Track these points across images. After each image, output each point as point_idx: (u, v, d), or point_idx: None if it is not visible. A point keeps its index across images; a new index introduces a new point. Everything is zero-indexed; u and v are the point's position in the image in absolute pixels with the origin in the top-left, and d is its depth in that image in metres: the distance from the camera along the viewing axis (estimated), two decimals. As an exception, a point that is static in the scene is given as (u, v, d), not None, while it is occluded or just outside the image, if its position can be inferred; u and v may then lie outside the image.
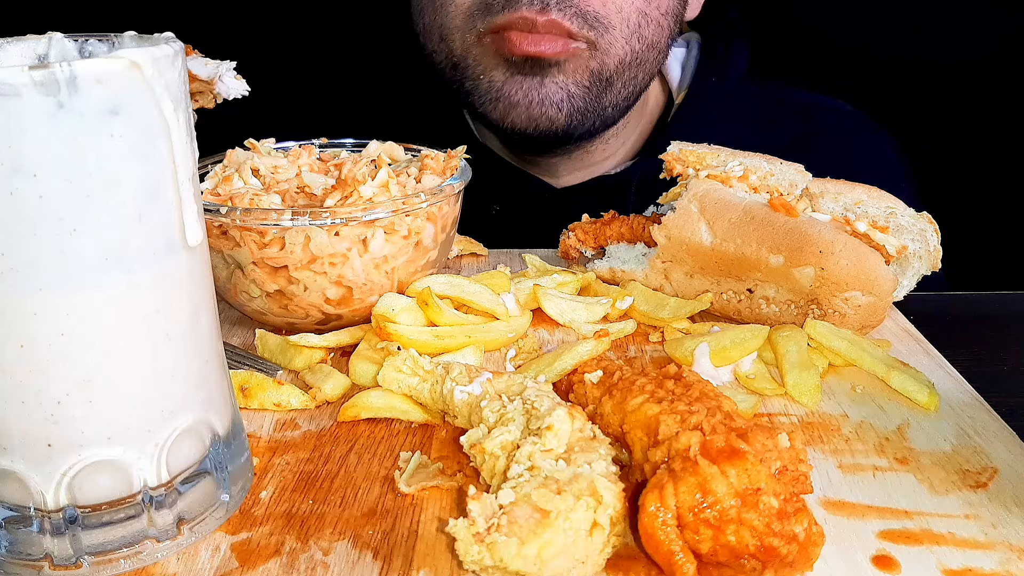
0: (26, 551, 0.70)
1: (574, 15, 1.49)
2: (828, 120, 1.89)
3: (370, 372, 0.97)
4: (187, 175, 0.69)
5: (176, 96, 0.66)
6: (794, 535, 0.65)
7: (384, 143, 1.28)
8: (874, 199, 1.15)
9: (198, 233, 0.71)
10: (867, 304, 1.07)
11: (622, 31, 1.54)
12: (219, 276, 1.08)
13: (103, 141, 0.62)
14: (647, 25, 1.57)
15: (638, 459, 0.76)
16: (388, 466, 0.85)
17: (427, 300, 1.05)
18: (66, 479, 0.67)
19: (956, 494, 0.80)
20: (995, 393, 0.98)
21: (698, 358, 1.01)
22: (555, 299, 1.15)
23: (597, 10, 1.51)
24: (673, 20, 1.65)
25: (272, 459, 0.87)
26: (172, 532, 0.73)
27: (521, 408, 0.79)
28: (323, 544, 0.74)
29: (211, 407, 0.76)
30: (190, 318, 0.72)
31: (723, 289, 1.16)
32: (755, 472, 0.66)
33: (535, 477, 0.70)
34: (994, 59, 2.36)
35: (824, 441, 0.89)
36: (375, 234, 1.06)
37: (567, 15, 1.49)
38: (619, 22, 1.53)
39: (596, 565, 0.68)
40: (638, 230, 1.25)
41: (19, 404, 0.65)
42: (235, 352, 1.06)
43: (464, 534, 0.66)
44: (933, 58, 2.37)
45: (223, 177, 1.14)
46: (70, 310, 0.64)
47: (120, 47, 0.73)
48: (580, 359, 0.96)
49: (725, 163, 1.20)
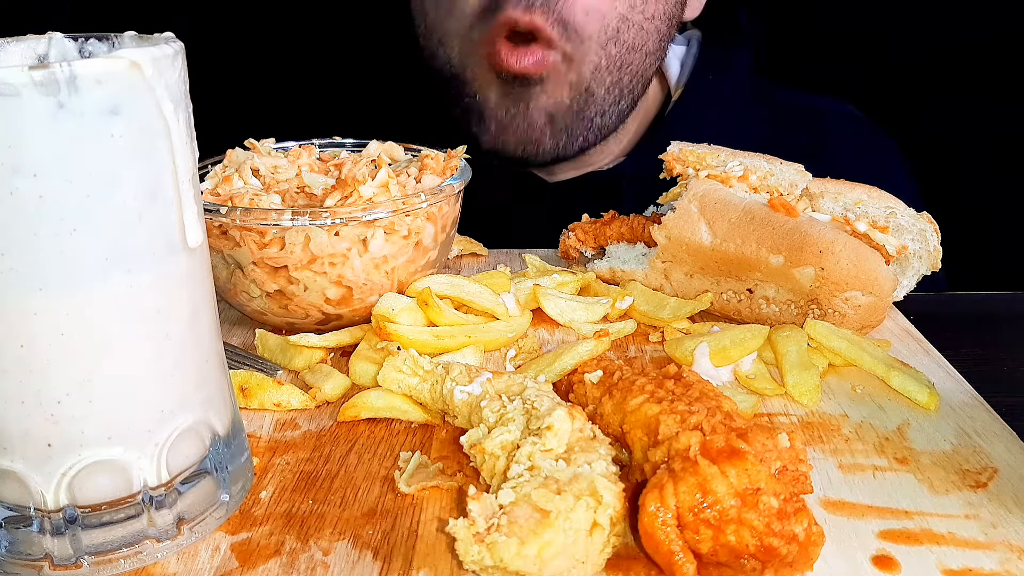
0: (26, 551, 0.70)
1: (555, 21, 1.51)
2: (832, 123, 1.90)
3: (370, 372, 0.97)
4: (187, 175, 0.69)
5: (176, 96, 0.66)
6: (794, 535, 0.65)
7: (384, 143, 1.28)
8: (874, 199, 1.15)
9: (198, 234, 0.71)
10: (867, 304, 1.07)
11: (598, 39, 1.56)
12: (219, 276, 1.08)
13: (103, 141, 0.62)
14: (627, 30, 1.58)
15: (638, 459, 0.76)
16: (388, 466, 0.85)
17: (427, 300, 1.05)
18: (66, 479, 0.67)
19: (956, 494, 0.80)
20: (995, 393, 0.98)
21: (698, 358, 1.01)
22: (555, 299, 1.15)
23: (579, 20, 1.52)
24: (664, 23, 1.65)
25: (272, 459, 0.87)
26: (172, 532, 0.73)
27: (521, 408, 0.79)
28: (323, 544, 0.74)
29: (211, 407, 0.76)
30: (190, 318, 0.72)
31: (723, 289, 1.16)
32: (755, 472, 0.66)
33: (535, 477, 0.70)
34: (994, 58, 2.36)
35: (824, 441, 0.89)
36: (375, 234, 1.06)
37: (548, 20, 1.50)
38: (596, 31, 1.55)
39: (596, 565, 0.68)
40: (638, 230, 1.25)
41: (19, 404, 0.65)
42: (235, 352, 1.06)
43: (464, 534, 0.66)
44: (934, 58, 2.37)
45: (223, 177, 1.14)
46: (70, 310, 0.64)
47: (120, 47, 0.73)
48: (580, 359, 0.96)
49: (725, 163, 1.20)
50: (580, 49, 1.55)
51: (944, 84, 2.37)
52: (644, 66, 1.66)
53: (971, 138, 2.38)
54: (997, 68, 2.36)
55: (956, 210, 1.63)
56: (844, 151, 1.82)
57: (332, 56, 2.27)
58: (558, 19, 1.51)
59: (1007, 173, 2.38)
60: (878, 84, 2.39)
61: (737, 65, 1.87)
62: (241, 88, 2.20)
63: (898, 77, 2.38)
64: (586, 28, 1.53)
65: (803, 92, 1.94)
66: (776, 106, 1.88)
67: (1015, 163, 2.35)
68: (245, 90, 2.22)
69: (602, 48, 1.57)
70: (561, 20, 1.51)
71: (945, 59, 2.35)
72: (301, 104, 2.17)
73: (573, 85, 1.59)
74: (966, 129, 2.38)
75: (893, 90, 2.39)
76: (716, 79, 1.83)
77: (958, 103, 2.37)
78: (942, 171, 2.24)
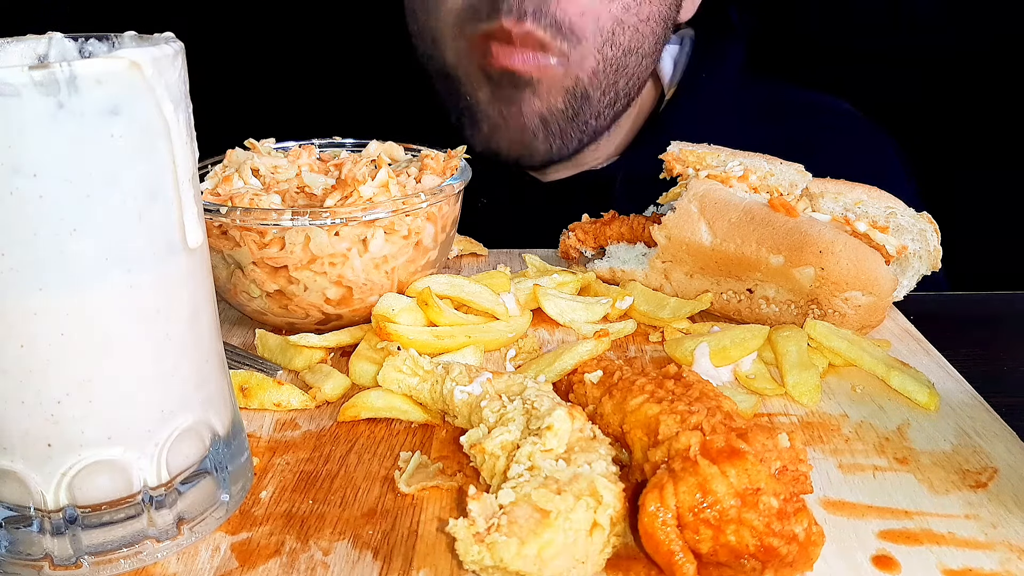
0: (26, 551, 0.70)
1: (548, 24, 1.50)
2: (828, 120, 1.89)
3: (370, 372, 0.97)
4: (187, 175, 0.69)
5: (176, 96, 0.66)
6: (794, 535, 0.65)
7: (384, 143, 1.28)
8: (874, 199, 1.15)
9: (198, 235, 0.71)
10: (867, 304, 1.07)
11: (594, 41, 1.55)
12: (219, 276, 1.08)
13: (103, 141, 0.62)
14: (623, 32, 1.58)
15: (638, 459, 0.76)
16: (388, 466, 0.85)
17: (427, 300, 1.05)
18: (66, 479, 0.67)
19: (956, 494, 0.80)
20: (995, 393, 0.98)
21: (698, 358, 1.01)
22: (555, 299, 1.15)
23: (573, 20, 1.52)
24: (659, 25, 1.65)
25: (272, 459, 0.87)
26: (172, 532, 0.73)
27: (521, 408, 0.79)
28: (323, 544, 0.74)
29: (211, 407, 0.76)
30: (190, 318, 0.72)
31: (723, 289, 1.16)
32: (755, 472, 0.66)
33: (535, 477, 0.70)
34: (994, 57, 2.36)
35: (824, 441, 0.89)
36: (375, 234, 1.06)
37: (541, 24, 1.49)
38: (592, 33, 1.54)
39: (596, 565, 0.68)
40: (638, 230, 1.25)
41: (19, 404, 0.65)
42: (235, 352, 1.06)
43: (464, 534, 0.66)
44: (933, 57, 2.37)
45: (223, 177, 1.14)
46: (70, 310, 0.64)
47: (120, 47, 0.73)
48: (580, 359, 0.96)
49: (725, 163, 1.20)
50: (577, 51, 1.54)
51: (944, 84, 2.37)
52: (640, 69, 1.66)
53: (971, 138, 2.38)
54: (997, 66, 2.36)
55: (956, 210, 1.63)
56: (840, 148, 1.81)
57: (332, 56, 2.27)
58: (552, 23, 1.50)
59: (1007, 173, 2.38)
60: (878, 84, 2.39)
61: (730, 62, 1.86)
62: (241, 88, 2.20)
63: (898, 77, 2.38)
64: (582, 30, 1.53)
65: (800, 89, 1.94)
66: (772, 103, 1.88)
67: (1015, 163, 2.35)
68: (245, 90, 2.22)
69: (598, 51, 1.56)
70: (555, 23, 1.50)
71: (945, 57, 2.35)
72: (301, 104, 2.17)
73: (569, 89, 1.58)
74: (966, 129, 2.38)
75: (893, 90, 2.39)
76: (709, 77, 1.83)
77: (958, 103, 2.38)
78: (942, 171, 2.24)
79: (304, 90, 2.20)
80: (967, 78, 2.38)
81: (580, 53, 1.55)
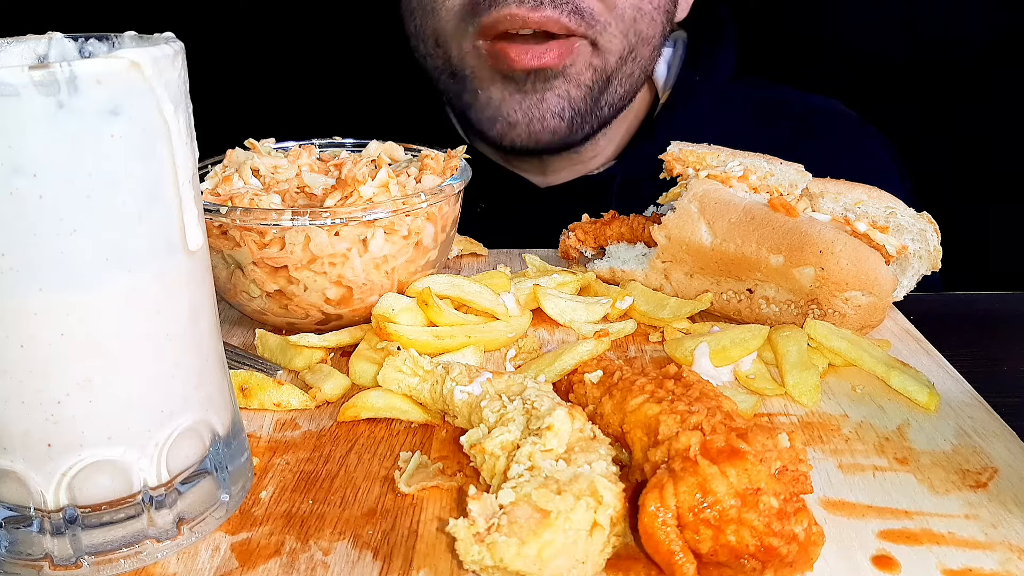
0: (26, 551, 0.70)
1: (571, 12, 1.48)
2: (822, 121, 1.89)
3: (370, 372, 0.97)
4: (187, 176, 0.69)
5: (176, 96, 0.66)
6: (794, 535, 0.65)
7: (384, 143, 1.28)
8: (874, 199, 1.15)
9: (198, 237, 0.71)
10: (867, 304, 1.07)
11: (619, 26, 1.55)
12: (219, 276, 1.08)
13: (103, 141, 0.62)
14: (641, 19, 1.58)
15: (638, 459, 0.76)
16: (388, 466, 0.85)
17: (427, 300, 1.05)
18: (66, 479, 0.67)
19: (956, 494, 0.80)
20: (995, 393, 0.98)
21: (698, 358, 1.01)
22: (555, 299, 1.15)
23: (593, 5, 1.50)
24: (665, 16, 1.65)
25: (272, 459, 0.87)
26: (172, 532, 0.73)
27: (521, 408, 0.79)
28: (323, 544, 0.74)
29: (211, 407, 0.76)
30: (190, 318, 0.72)
31: (723, 289, 1.16)
32: (755, 472, 0.66)
33: (535, 477, 0.70)
34: (994, 58, 2.36)
35: (824, 441, 0.89)
36: (375, 234, 1.06)
37: (564, 11, 1.48)
38: (615, 18, 1.54)
39: (596, 565, 0.68)
40: (638, 230, 1.25)
41: (19, 404, 0.65)
42: (235, 352, 1.06)
43: (464, 534, 0.66)
44: (932, 57, 2.37)
45: (223, 177, 1.14)
46: (70, 310, 0.64)
47: (120, 47, 0.73)
48: (580, 359, 0.96)
49: (725, 163, 1.20)
50: (604, 36, 1.54)
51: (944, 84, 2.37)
52: (650, 60, 1.67)
53: (971, 138, 2.38)
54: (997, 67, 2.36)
55: (956, 210, 1.63)
56: (834, 149, 1.81)
57: (332, 56, 2.27)
58: (574, 9, 1.48)
59: (1007, 173, 2.38)
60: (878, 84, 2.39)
61: (722, 64, 1.87)
62: (241, 88, 2.20)
63: (898, 77, 2.39)
64: (604, 13, 1.52)
65: (793, 90, 1.94)
66: (765, 104, 1.88)
67: (1015, 163, 2.35)
68: (245, 90, 2.22)
69: (624, 37, 1.57)
70: (576, 9, 1.49)
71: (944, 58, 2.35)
72: (301, 104, 2.17)
73: (597, 70, 1.57)
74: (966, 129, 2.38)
75: (893, 90, 2.39)
76: (703, 79, 1.83)
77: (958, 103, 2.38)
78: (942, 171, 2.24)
79: (304, 90, 2.20)
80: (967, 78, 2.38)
81: (607, 37, 1.55)
